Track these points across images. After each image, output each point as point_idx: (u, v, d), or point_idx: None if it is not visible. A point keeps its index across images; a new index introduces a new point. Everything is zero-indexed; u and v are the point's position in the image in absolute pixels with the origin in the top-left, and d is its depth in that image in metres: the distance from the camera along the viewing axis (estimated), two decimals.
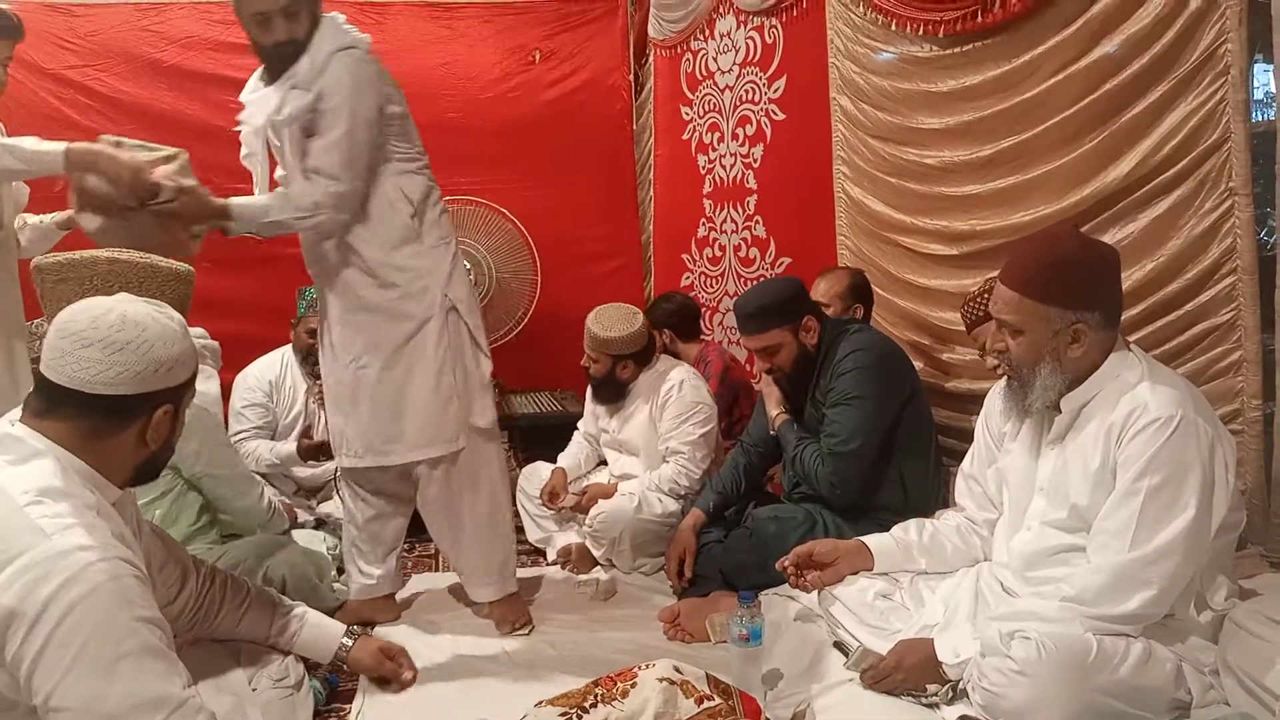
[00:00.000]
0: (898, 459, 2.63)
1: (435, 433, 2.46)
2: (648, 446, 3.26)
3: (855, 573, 2.22)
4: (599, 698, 1.85)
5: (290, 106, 2.36)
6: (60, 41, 4.34)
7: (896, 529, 2.28)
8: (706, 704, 1.85)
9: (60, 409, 1.45)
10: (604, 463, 3.54)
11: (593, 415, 3.52)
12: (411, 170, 2.47)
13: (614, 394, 3.32)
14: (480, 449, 2.55)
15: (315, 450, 3.37)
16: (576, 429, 3.62)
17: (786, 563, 2.26)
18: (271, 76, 2.42)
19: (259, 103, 2.44)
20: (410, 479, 2.59)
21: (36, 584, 1.27)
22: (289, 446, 3.45)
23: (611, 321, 3.22)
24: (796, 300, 2.71)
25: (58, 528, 1.32)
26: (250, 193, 4.58)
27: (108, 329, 1.44)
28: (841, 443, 2.55)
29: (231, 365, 3.50)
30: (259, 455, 3.44)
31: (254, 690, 1.73)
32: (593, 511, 3.08)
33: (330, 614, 2.07)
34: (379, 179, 2.41)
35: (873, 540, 2.26)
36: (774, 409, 2.78)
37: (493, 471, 2.59)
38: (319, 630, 1.88)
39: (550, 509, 3.31)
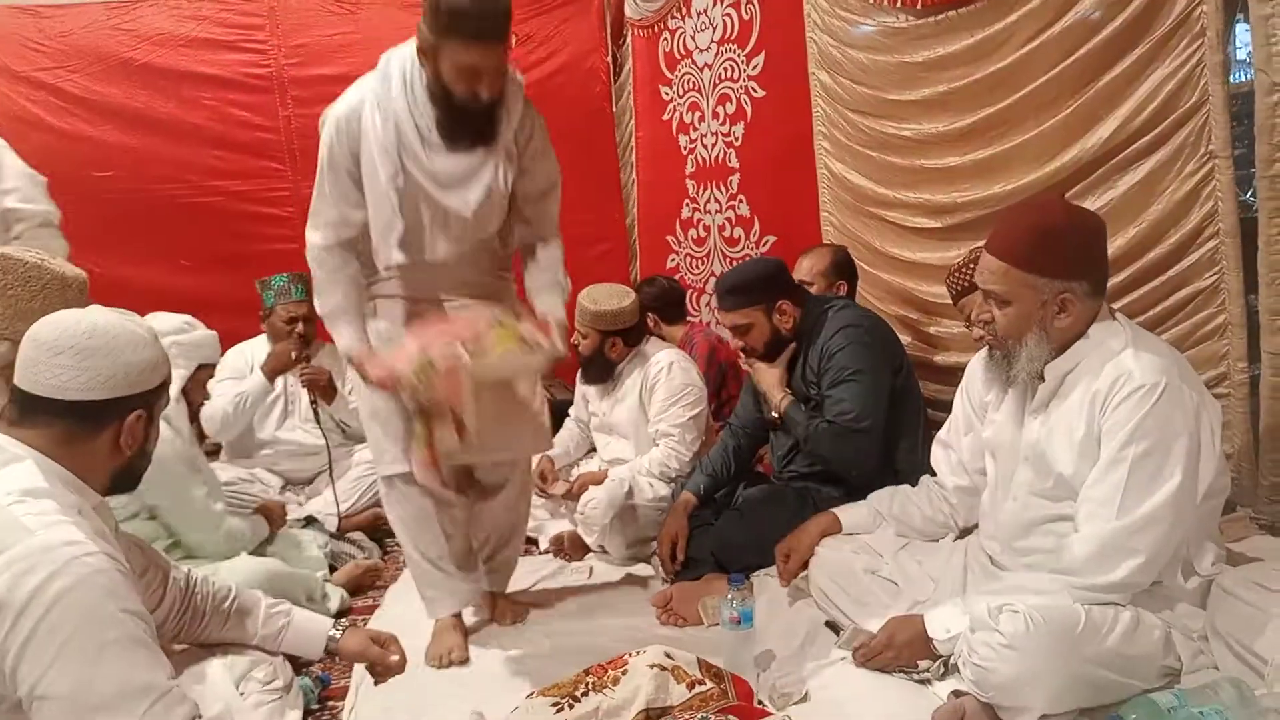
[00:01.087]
0: (888, 435, 2.61)
1: (546, 430, 2.44)
2: (637, 429, 3.25)
3: (824, 534, 2.34)
4: (590, 686, 1.85)
5: (505, 175, 2.20)
6: (30, 44, 4.31)
7: (871, 496, 2.34)
8: (698, 688, 1.85)
9: (35, 417, 1.47)
10: (594, 450, 3.53)
11: (583, 399, 3.51)
12: None
13: (602, 373, 3.31)
14: None
15: (284, 364, 3.35)
16: (568, 415, 3.61)
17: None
18: (458, 135, 2.13)
19: (467, 177, 2.16)
20: None
21: (22, 576, 1.30)
22: (254, 378, 3.40)
23: (602, 296, 3.23)
24: (773, 281, 2.69)
25: (42, 524, 1.35)
26: (236, 191, 4.49)
27: (79, 336, 1.47)
28: (855, 419, 2.53)
29: None
30: (223, 411, 3.38)
31: (242, 695, 1.72)
32: (584, 498, 3.08)
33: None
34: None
35: (842, 508, 2.35)
36: (777, 392, 2.71)
37: None
38: (306, 626, 1.87)
39: (540, 494, 3.31)
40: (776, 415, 2.73)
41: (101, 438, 1.50)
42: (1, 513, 1.35)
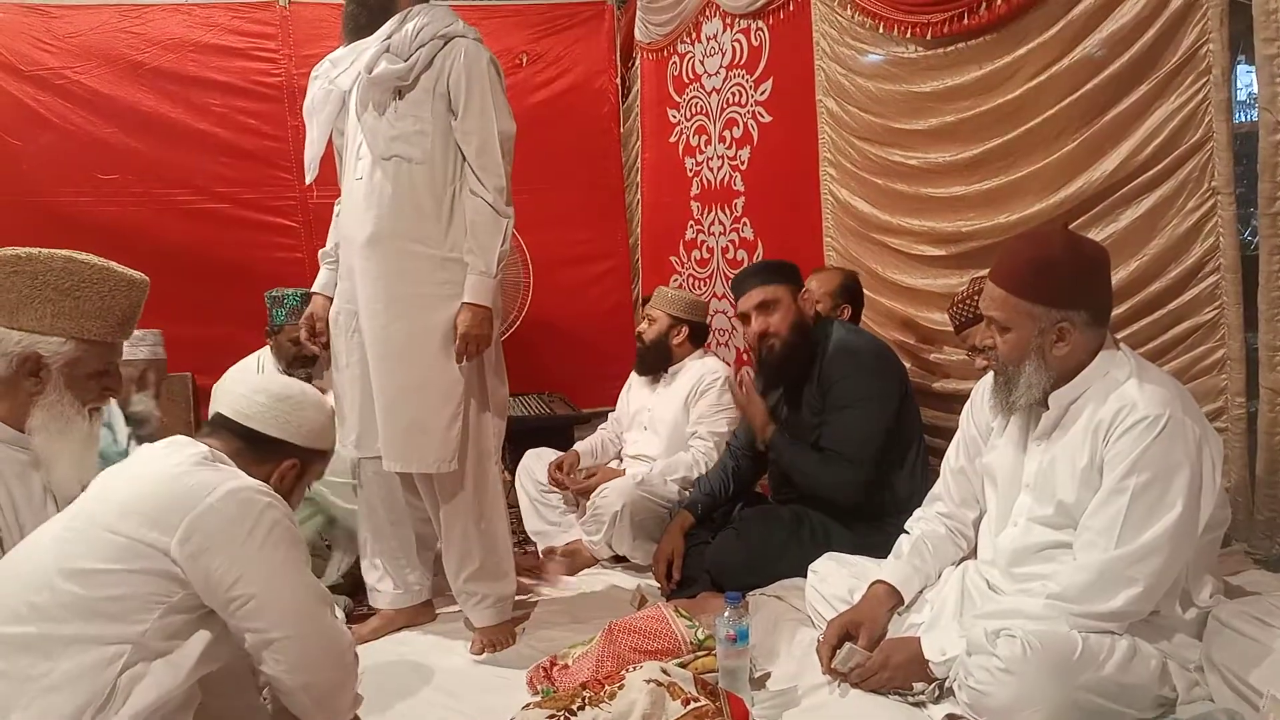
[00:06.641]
0: (887, 460, 2.62)
1: (433, 448, 2.40)
2: (674, 428, 3.31)
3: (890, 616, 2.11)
4: (586, 700, 1.85)
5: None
6: (38, 44, 4.28)
7: (906, 552, 2.16)
8: (693, 705, 1.84)
9: None
10: (618, 457, 3.57)
11: (626, 399, 3.56)
12: None
13: (659, 361, 3.39)
14: (489, 471, 2.56)
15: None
16: (601, 427, 3.66)
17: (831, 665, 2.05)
18: None
19: None
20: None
21: None
22: None
23: (680, 291, 3.51)
24: (798, 273, 2.79)
25: None
26: (243, 199, 4.48)
27: None
28: (851, 448, 2.54)
29: (206, 369, 3.43)
30: None
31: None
32: (596, 490, 3.11)
33: None
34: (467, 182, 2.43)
35: (889, 574, 2.13)
36: (760, 422, 2.72)
37: (498, 493, 2.61)
38: None
39: (555, 484, 3.36)
40: (764, 446, 2.76)
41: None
42: None
